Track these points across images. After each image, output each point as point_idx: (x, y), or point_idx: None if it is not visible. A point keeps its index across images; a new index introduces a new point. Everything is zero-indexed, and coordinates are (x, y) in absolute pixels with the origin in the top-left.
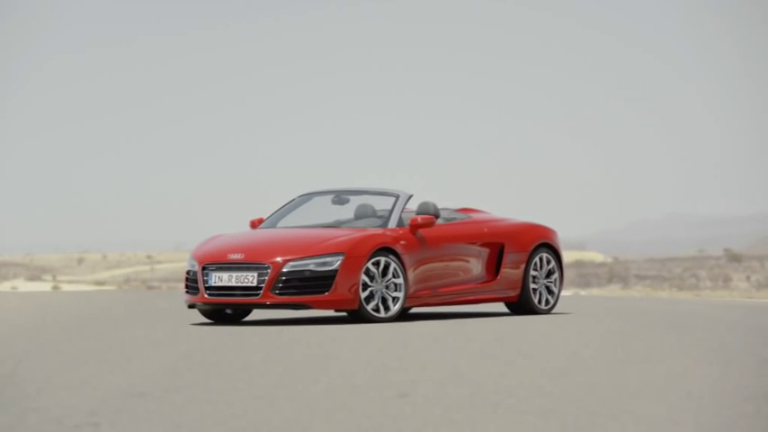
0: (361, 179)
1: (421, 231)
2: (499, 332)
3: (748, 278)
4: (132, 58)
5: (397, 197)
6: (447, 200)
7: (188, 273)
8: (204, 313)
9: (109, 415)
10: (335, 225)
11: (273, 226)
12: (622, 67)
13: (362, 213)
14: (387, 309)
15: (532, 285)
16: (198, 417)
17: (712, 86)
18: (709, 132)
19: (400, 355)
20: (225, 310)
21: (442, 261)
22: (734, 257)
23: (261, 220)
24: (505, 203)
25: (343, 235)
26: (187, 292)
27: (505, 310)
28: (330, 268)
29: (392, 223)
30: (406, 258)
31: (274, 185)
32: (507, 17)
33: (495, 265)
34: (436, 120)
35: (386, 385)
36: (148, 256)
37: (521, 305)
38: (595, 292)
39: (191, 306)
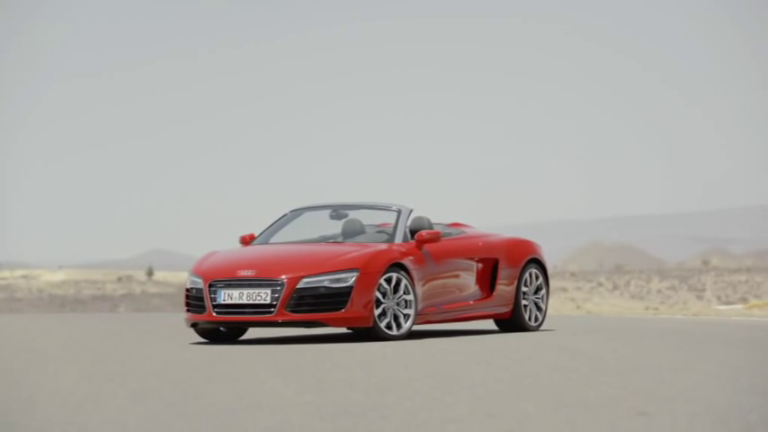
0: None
1: (427, 247)
2: (559, 348)
3: None
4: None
5: (399, 212)
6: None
7: (189, 290)
8: (203, 332)
9: None
10: (323, 240)
11: (266, 242)
12: None
13: (350, 229)
14: (399, 326)
15: (523, 302)
16: None
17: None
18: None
19: (530, 372)
20: (219, 328)
21: (446, 277)
22: None
23: (252, 236)
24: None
25: (355, 250)
26: (188, 310)
27: (493, 327)
28: (346, 285)
29: (398, 238)
30: (414, 274)
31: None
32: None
33: (488, 280)
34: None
35: (601, 403)
36: None
37: (512, 322)
38: None
39: (193, 325)
